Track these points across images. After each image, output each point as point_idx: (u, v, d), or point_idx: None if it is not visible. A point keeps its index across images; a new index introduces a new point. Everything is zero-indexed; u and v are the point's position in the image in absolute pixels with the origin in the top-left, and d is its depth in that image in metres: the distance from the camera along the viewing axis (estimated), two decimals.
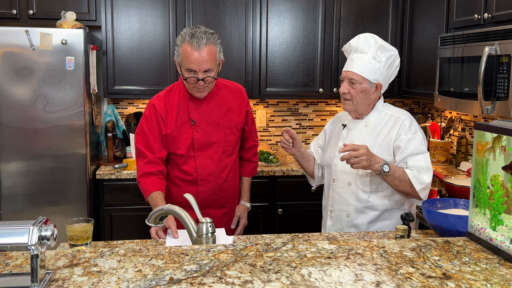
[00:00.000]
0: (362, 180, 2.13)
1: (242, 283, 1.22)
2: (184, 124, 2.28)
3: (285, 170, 3.43)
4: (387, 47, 2.13)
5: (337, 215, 2.21)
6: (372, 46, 2.10)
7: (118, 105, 3.88)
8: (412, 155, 2.06)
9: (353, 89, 2.12)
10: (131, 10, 3.49)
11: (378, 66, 2.10)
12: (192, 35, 2.15)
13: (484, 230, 1.50)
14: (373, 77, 2.11)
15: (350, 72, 2.12)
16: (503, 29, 2.37)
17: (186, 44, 2.16)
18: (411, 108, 4.20)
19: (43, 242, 1.16)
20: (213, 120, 2.31)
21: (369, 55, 2.10)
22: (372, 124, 2.17)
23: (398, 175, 2.03)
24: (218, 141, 2.32)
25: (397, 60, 2.17)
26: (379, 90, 2.15)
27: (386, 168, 2.00)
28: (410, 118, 2.16)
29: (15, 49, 3.06)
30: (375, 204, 2.14)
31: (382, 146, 2.12)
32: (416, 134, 2.10)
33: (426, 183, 2.04)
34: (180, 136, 2.27)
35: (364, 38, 2.13)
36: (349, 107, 2.17)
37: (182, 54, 2.17)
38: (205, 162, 2.30)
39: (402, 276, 1.27)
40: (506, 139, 1.42)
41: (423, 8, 3.41)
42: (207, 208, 2.31)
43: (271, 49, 3.63)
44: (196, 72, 2.17)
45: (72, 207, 3.20)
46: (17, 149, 3.13)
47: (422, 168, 2.04)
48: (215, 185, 2.34)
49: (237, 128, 2.40)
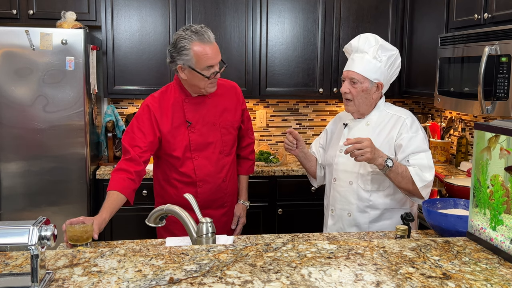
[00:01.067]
0: (363, 179, 2.13)
1: (242, 283, 1.22)
2: (180, 126, 2.25)
3: (285, 170, 3.43)
4: (388, 47, 2.14)
5: (338, 214, 2.21)
6: (373, 46, 2.11)
7: (118, 105, 3.88)
8: (414, 153, 2.06)
9: (354, 89, 2.12)
10: (131, 10, 3.49)
11: (379, 66, 2.11)
12: (195, 33, 2.13)
13: (484, 230, 1.50)
14: (374, 77, 2.11)
15: (351, 71, 2.12)
16: (503, 29, 2.37)
17: (196, 43, 2.12)
18: (411, 108, 4.20)
19: (43, 242, 1.16)
20: (209, 121, 2.29)
21: (369, 54, 2.10)
22: (374, 123, 2.17)
23: (401, 171, 2.03)
24: (215, 142, 2.30)
25: (398, 59, 2.18)
26: (380, 89, 2.16)
27: (390, 162, 2.00)
28: (411, 117, 2.16)
29: (15, 49, 3.06)
30: (377, 203, 2.14)
31: (383, 145, 2.12)
32: (418, 132, 2.10)
33: (428, 181, 2.04)
34: (176, 137, 2.24)
35: (364, 38, 2.14)
36: (351, 108, 2.18)
37: (196, 54, 2.12)
38: (202, 163, 2.29)
39: (402, 276, 1.27)
40: (506, 139, 1.42)
41: (423, 8, 3.41)
42: (206, 209, 2.30)
43: (271, 49, 3.63)
44: (213, 66, 2.16)
45: (72, 207, 3.20)
46: (17, 149, 3.13)
47: (424, 166, 2.04)
48: (214, 185, 2.32)
49: (234, 127, 2.38)
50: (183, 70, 2.17)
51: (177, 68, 2.18)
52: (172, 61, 2.20)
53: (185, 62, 2.14)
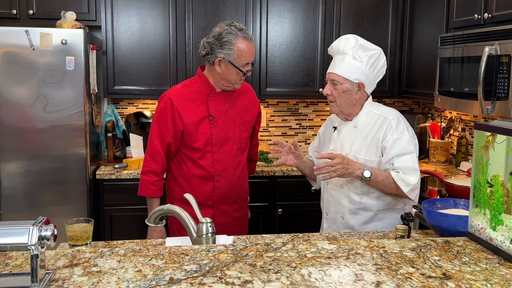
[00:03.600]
0: (353, 182, 2.13)
1: (242, 283, 1.22)
2: (203, 119, 2.30)
3: (285, 170, 3.43)
4: (369, 46, 2.12)
5: (332, 217, 2.22)
6: (353, 47, 2.10)
7: (118, 105, 3.88)
8: (399, 155, 2.05)
9: (335, 90, 2.13)
10: (131, 10, 3.48)
11: (359, 66, 2.10)
12: (240, 30, 2.22)
13: (484, 230, 1.50)
14: (354, 77, 2.10)
15: (332, 73, 2.14)
16: (503, 29, 2.37)
17: (240, 39, 2.21)
18: (411, 108, 4.19)
19: (43, 242, 1.16)
20: (230, 117, 2.35)
21: (349, 55, 2.10)
22: (361, 125, 2.17)
23: (381, 179, 2.03)
24: (234, 138, 2.36)
25: (382, 59, 2.15)
26: (362, 89, 2.13)
27: (367, 173, 2.01)
28: (397, 117, 2.13)
29: (15, 49, 3.06)
30: (368, 205, 2.14)
31: (370, 147, 2.12)
32: (403, 134, 2.08)
33: (413, 184, 2.02)
34: (198, 130, 2.29)
35: (344, 39, 2.14)
36: (334, 109, 2.20)
37: (239, 50, 2.21)
38: (222, 157, 2.33)
39: (402, 276, 1.27)
40: (506, 139, 1.42)
41: (423, 8, 3.41)
42: (222, 204, 2.37)
43: (271, 49, 3.63)
44: (249, 63, 2.26)
45: (72, 207, 3.20)
46: (17, 149, 3.13)
47: (408, 168, 2.03)
48: (230, 180, 2.37)
49: (250, 125, 2.47)
50: (220, 63, 2.24)
51: (215, 60, 2.24)
52: (210, 53, 2.25)
53: (225, 56, 2.22)
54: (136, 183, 2.51)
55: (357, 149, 2.13)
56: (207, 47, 2.25)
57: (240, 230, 2.47)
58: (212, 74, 2.30)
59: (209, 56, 2.26)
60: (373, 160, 2.10)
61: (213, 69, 2.28)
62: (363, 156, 2.11)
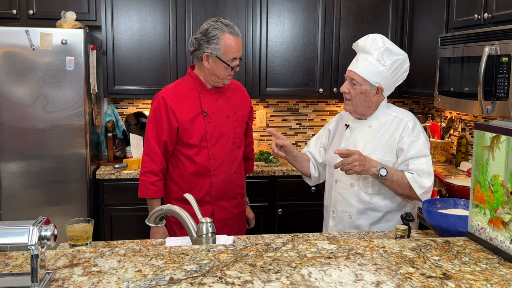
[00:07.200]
0: (364, 181, 2.12)
1: (242, 283, 1.22)
2: (197, 115, 2.32)
3: (285, 170, 3.43)
4: (395, 51, 2.08)
5: (339, 216, 2.20)
6: (379, 48, 2.06)
7: (118, 105, 3.88)
8: (414, 158, 2.05)
9: (353, 89, 2.11)
10: (131, 10, 3.49)
11: (382, 69, 2.07)
12: (226, 25, 2.25)
13: (484, 230, 1.50)
14: (375, 80, 2.08)
15: (352, 72, 2.10)
16: (503, 29, 2.37)
17: (227, 34, 2.24)
18: (411, 108, 4.20)
19: (43, 242, 1.16)
20: (223, 113, 2.37)
21: (374, 56, 2.06)
22: (376, 125, 2.15)
23: (397, 178, 2.02)
24: (228, 133, 2.38)
25: (405, 64, 2.12)
26: (380, 93, 2.12)
27: (383, 172, 2.00)
28: (413, 120, 2.14)
29: (15, 49, 3.06)
30: (378, 205, 2.13)
31: (385, 147, 2.11)
32: (419, 136, 2.08)
33: (427, 187, 2.02)
34: (193, 126, 2.31)
35: (371, 39, 2.09)
36: (349, 107, 2.17)
37: (225, 45, 2.24)
38: (217, 152, 2.35)
39: (402, 276, 1.27)
40: (506, 139, 1.42)
41: (423, 8, 3.41)
42: (220, 200, 2.39)
43: (271, 49, 3.63)
44: (236, 58, 2.28)
45: (72, 207, 3.20)
46: (17, 149, 3.13)
47: (423, 171, 2.03)
48: (226, 175, 2.38)
49: (244, 121, 2.49)
50: (208, 59, 2.27)
51: (202, 56, 2.27)
52: (198, 49, 2.28)
53: (213, 51, 2.25)
54: (136, 183, 2.52)
55: (371, 149, 2.11)
56: (194, 43, 2.29)
57: (239, 227, 2.49)
58: (201, 70, 2.33)
59: (197, 52, 2.29)
60: (388, 161, 2.08)
61: (201, 65, 2.31)
62: (377, 156, 2.09)
